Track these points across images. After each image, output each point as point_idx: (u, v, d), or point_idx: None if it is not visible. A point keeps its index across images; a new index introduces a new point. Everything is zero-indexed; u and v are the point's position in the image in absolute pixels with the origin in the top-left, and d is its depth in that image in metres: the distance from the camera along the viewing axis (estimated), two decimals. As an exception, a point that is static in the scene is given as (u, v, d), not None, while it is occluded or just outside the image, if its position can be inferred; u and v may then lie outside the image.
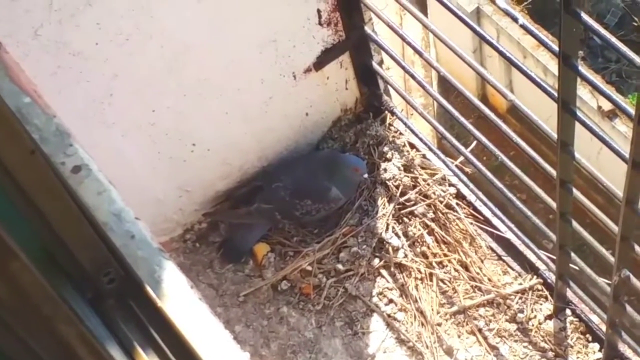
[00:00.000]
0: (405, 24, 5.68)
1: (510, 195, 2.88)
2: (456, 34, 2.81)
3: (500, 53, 2.62)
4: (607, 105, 4.40)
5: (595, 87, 2.22)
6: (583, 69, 2.33)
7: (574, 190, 2.48)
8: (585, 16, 2.01)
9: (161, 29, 2.64)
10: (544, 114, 2.64)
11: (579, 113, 2.23)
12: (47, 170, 1.28)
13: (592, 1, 8.22)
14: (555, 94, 2.24)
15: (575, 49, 2.14)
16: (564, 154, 2.35)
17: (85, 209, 1.46)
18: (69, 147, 1.56)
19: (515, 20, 2.35)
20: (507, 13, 2.39)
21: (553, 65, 7.43)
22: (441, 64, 3.08)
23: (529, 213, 2.85)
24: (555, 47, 2.15)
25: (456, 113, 2.94)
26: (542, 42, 2.31)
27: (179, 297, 1.43)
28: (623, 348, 2.92)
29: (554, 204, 2.61)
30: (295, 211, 3.16)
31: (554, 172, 2.49)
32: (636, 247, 2.40)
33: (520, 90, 5.55)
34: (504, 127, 2.77)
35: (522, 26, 2.33)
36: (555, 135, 2.35)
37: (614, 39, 2.06)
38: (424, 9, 5.94)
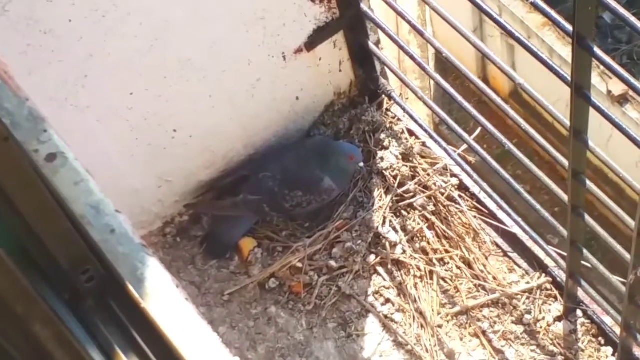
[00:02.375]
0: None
1: (517, 186, 2.88)
2: (454, 11, 2.79)
3: (507, 31, 2.60)
4: (617, 90, 4.39)
5: (612, 71, 2.21)
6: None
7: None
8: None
9: (140, 5, 2.63)
10: (550, 98, 2.64)
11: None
12: (20, 159, 1.27)
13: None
14: (567, 77, 2.24)
15: (590, 29, 2.11)
16: (577, 143, 2.35)
17: (61, 201, 1.45)
18: (43, 133, 1.55)
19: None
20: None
21: (560, 46, 7.42)
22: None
23: (538, 206, 2.84)
24: (569, 27, 2.14)
25: (459, 97, 2.93)
26: (554, 21, 2.31)
27: (163, 297, 1.43)
28: (638, 352, 2.92)
29: (564, 196, 2.60)
30: (284, 203, 3.15)
31: (565, 162, 2.48)
32: (654, 243, 2.40)
33: (526, 73, 5.53)
34: (511, 112, 2.77)
35: (533, 4, 2.32)
36: (566, 122, 2.35)
37: (632, 18, 2.05)
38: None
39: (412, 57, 2.99)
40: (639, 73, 7.47)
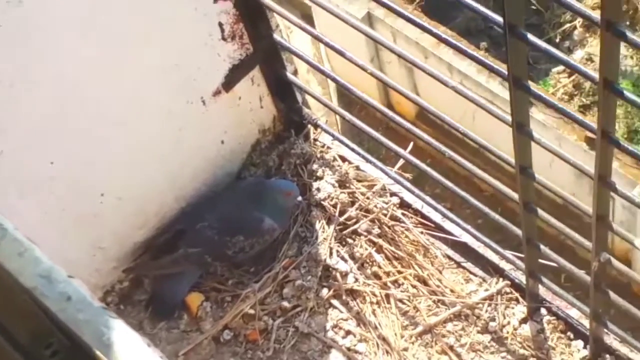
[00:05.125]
0: (292, 41, 5.65)
1: (462, 193, 2.81)
2: (349, 44, 2.81)
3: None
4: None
5: (548, 104, 2.26)
6: (490, 60, 2.40)
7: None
8: (532, 37, 2.02)
9: (49, 68, 2.51)
10: (456, 114, 2.70)
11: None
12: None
13: (490, -15, 8.32)
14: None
15: (524, 70, 2.15)
16: (520, 136, 2.30)
17: (8, 274, 1.33)
18: (-25, 208, 1.44)
19: None
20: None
21: (457, 62, 7.50)
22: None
23: (487, 209, 2.78)
24: (503, 70, 2.18)
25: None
26: (494, 70, 2.29)
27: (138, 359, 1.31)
28: (609, 340, 2.87)
29: (514, 195, 2.55)
30: (227, 250, 3.05)
31: (511, 160, 2.43)
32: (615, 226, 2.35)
33: (427, 95, 5.55)
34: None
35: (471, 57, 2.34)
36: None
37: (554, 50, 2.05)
38: (310, 22, 5.91)
39: (334, 80, 2.93)
40: (537, 76, 7.56)
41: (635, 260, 6.50)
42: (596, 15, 1.81)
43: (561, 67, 8.07)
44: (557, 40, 7.72)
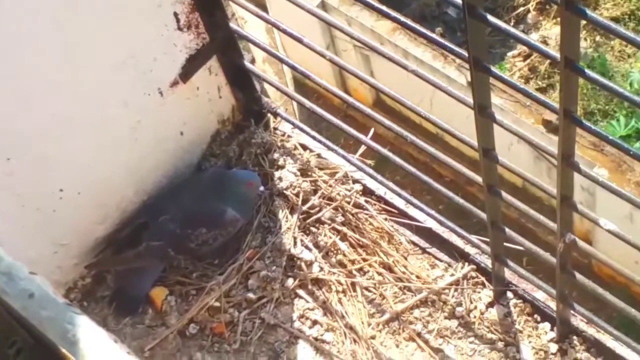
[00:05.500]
0: (247, 31, 5.62)
1: (426, 178, 2.80)
2: (304, 32, 2.78)
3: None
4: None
5: (510, 86, 2.23)
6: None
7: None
8: (491, 17, 2.00)
9: (4, 62, 2.46)
10: (414, 99, 2.69)
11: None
12: None
13: (442, -28, 8.33)
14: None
15: (484, 52, 2.14)
16: (482, 119, 2.29)
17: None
18: None
19: None
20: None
21: (413, 48, 7.50)
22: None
23: (451, 194, 2.77)
24: (463, 52, 2.17)
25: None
26: (454, 52, 2.28)
27: (103, 356, 1.28)
28: (576, 322, 2.87)
29: (478, 178, 2.54)
30: (190, 243, 3.01)
31: (474, 143, 2.41)
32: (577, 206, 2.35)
33: (384, 83, 5.54)
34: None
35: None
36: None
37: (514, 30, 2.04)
38: (264, 10, 5.88)
39: (293, 67, 2.90)
40: (492, 60, 7.57)
41: (596, 241, 6.54)
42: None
43: (516, 51, 8.10)
44: (512, 24, 7.74)
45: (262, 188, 3.05)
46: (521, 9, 8.32)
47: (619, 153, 5.51)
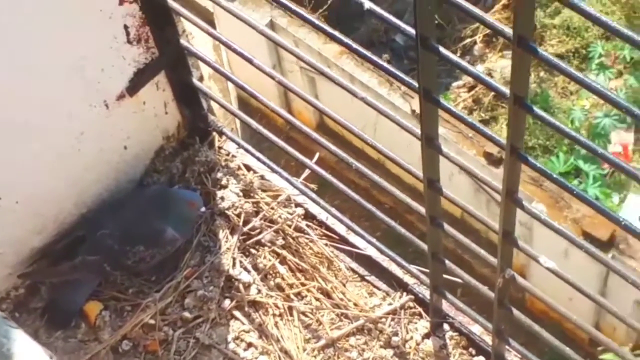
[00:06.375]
0: (194, 44, 5.61)
1: (369, 206, 2.80)
2: (251, 50, 2.79)
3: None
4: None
5: (458, 118, 2.23)
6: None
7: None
8: (443, 50, 2.01)
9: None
10: (358, 124, 2.70)
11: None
12: None
13: (389, 1, 8.39)
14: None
15: (434, 83, 2.14)
16: (429, 150, 2.29)
17: None
18: None
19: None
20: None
21: (359, 73, 7.53)
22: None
23: (393, 223, 2.77)
24: (413, 83, 2.17)
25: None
26: (403, 82, 2.28)
27: (38, 372, 1.25)
28: (510, 357, 2.88)
29: (421, 209, 2.54)
30: (126, 260, 2.98)
31: (419, 173, 2.42)
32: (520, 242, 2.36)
33: (329, 104, 5.55)
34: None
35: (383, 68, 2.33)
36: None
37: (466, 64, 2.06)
38: (212, 26, 5.88)
39: (242, 88, 2.89)
40: (439, 89, 7.63)
41: (530, 275, 6.61)
42: (508, 30, 1.81)
43: (461, 82, 8.17)
44: (458, 54, 7.82)
45: (203, 209, 3.03)
46: (468, 40, 8.40)
47: (558, 189, 5.57)
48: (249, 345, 2.97)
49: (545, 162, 7.09)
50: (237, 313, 3.01)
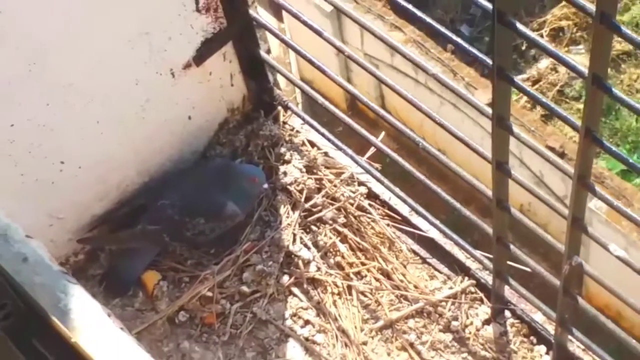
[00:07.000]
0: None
1: (434, 187, 2.75)
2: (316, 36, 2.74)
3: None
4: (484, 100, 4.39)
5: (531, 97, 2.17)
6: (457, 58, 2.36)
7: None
8: (520, 26, 1.97)
9: (14, 27, 2.41)
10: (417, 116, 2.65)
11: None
12: None
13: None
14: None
15: (509, 61, 2.10)
16: (500, 130, 2.24)
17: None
18: None
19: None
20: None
21: (423, 62, 7.47)
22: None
23: (458, 205, 2.72)
24: (487, 60, 2.13)
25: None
26: (477, 59, 2.23)
27: (95, 329, 1.23)
28: (572, 347, 2.82)
29: (488, 192, 2.49)
30: (186, 231, 2.96)
31: (487, 154, 2.37)
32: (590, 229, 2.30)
33: (390, 99, 5.52)
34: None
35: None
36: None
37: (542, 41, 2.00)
38: (278, 14, 5.85)
39: (311, 61, 2.84)
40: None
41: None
42: (590, 6, 1.76)
43: (525, 75, 8.06)
44: (523, 48, 7.69)
45: (265, 185, 3.00)
46: (535, 34, 8.30)
47: (619, 187, 5.44)
48: (306, 322, 2.94)
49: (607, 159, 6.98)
50: (295, 290, 2.98)
